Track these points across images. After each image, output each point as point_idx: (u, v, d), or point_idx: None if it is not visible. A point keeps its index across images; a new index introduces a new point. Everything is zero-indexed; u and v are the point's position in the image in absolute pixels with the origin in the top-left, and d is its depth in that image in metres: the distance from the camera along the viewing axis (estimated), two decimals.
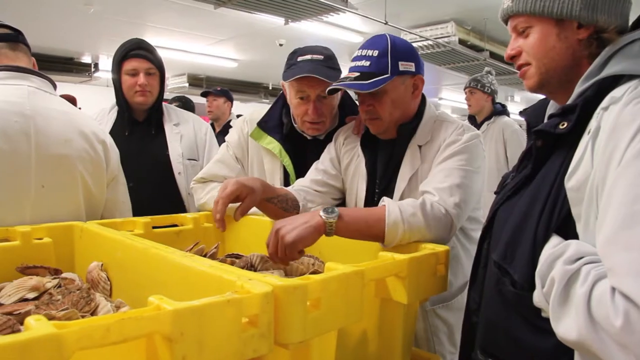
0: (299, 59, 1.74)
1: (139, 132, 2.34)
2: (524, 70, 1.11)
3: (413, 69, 1.55)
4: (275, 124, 1.88)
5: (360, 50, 1.57)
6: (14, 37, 1.57)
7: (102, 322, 0.62)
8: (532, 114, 1.21)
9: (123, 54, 2.27)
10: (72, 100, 3.58)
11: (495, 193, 1.22)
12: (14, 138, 1.40)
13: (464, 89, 4.17)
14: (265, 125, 1.89)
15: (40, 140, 1.44)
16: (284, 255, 1.23)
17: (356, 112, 1.87)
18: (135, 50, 2.27)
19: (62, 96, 1.67)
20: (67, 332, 0.59)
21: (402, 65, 1.52)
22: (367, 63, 1.52)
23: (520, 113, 1.28)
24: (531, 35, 1.07)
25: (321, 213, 1.26)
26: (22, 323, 0.96)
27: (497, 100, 4.18)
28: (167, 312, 0.66)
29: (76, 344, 0.59)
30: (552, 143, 1.02)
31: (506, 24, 1.15)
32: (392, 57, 1.51)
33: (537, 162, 1.05)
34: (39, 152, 1.44)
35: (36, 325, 0.60)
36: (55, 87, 1.60)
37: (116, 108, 2.37)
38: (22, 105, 1.44)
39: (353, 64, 1.55)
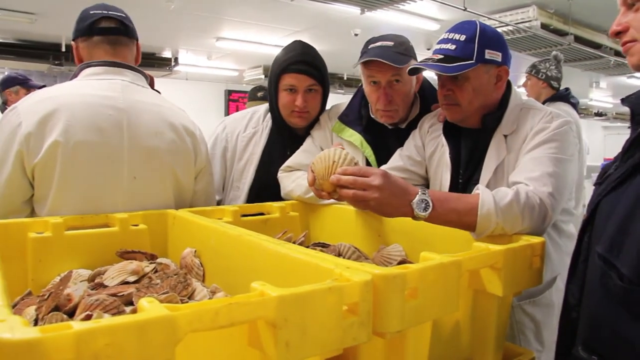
0: (370, 46, 1.76)
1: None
2: (629, 47, 1.04)
3: (499, 59, 1.51)
4: (355, 116, 1.90)
5: (447, 33, 1.54)
6: (116, 31, 1.63)
7: (211, 306, 0.63)
8: (635, 102, 1.13)
9: (283, 66, 1.96)
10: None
11: (595, 185, 1.15)
12: (108, 131, 1.46)
13: None
14: (346, 118, 1.91)
15: (132, 133, 1.50)
16: (351, 197, 1.24)
17: (437, 100, 1.85)
18: (296, 65, 1.94)
19: None
20: (180, 315, 0.61)
21: (489, 54, 1.48)
22: (453, 47, 1.49)
23: (622, 101, 1.21)
24: None
25: (415, 206, 1.24)
26: (125, 304, 1.01)
27: (570, 86, 3.92)
28: (272, 298, 0.67)
29: (188, 326, 0.61)
30: None
31: None
32: (479, 44, 1.47)
33: None
34: (131, 145, 1.49)
35: (150, 307, 0.62)
36: (148, 80, 1.66)
37: (270, 114, 2.12)
38: (116, 99, 1.50)
39: (438, 46, 1.53)
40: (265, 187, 1.99)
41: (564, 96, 3.86)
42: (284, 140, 2.08)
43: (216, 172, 2.08)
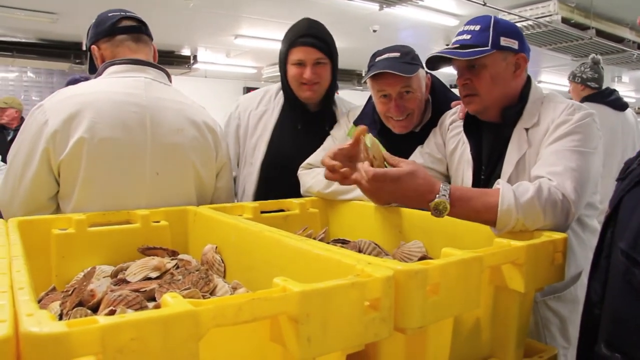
0: (377, 59, 1.77)
1: (312, 126, 2.09)
2: None
3: (516, 47, 1.52)
4: (370, 120, 1.91)
5: (464, 26, 1.57)
6: (137, 29, 1.66)
7: (234, 301, 0.64)
8: None
9: (291, 40, 2.00)
10: None
11: (617, 180, 1.14)
12: (132, 128, 1.48)
13: None
14: (361, 122, 1.92)
15: (155, 130, 1.51)
16: (365, 186, 1.28)
17: (449, 100, 1.86)
18: (303, 38, 1.97)
19: None
20: (203, 310, 0.61)
21: (504, 41, 1.49)
22: (468, 37, 1.52)
23: None
24: None
25: (432, 208, 1.21)
26: (148, 300, 1.02)
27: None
28: (294, 294, 0.67)
29: (211, 322, 0.62)
30: None
31: None
32: (494, 32, 1.49)
33: None
34: (154, 141, 1.51)
35: (174, 302, 0.62)
36: (169, 78, 1.68)
37: (282, 93, 2.16)
38: (140, 96, 1.52)
39: (455, 39, 1.56)
40: (277, 163, 2.04)
41: (595, 95, 3.77)
42: (295, 115, 2.10)
43: (231, 149, 2.10)
